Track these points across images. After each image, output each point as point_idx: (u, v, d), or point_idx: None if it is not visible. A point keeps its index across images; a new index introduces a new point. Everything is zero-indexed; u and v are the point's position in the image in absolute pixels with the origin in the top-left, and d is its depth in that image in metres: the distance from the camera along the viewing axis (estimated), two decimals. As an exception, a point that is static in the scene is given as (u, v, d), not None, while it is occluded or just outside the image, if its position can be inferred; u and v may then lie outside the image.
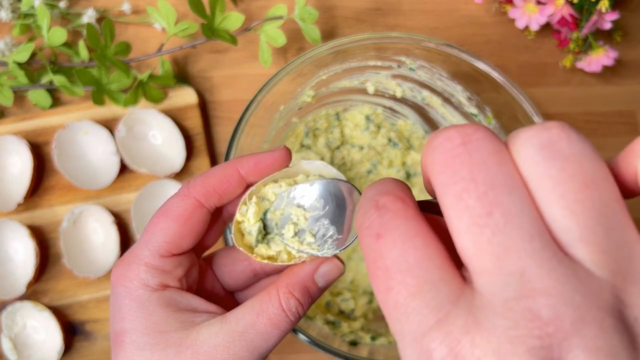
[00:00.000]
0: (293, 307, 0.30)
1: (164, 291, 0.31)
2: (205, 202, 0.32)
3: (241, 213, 0.32)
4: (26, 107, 0.64)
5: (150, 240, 0.31)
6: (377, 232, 0.20)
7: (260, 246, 0.32)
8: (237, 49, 0.65)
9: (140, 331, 0.30)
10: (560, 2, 0.60)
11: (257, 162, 0.32)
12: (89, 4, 0.66)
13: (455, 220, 0.18)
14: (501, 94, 0.53)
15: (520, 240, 0.17)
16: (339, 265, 0.32)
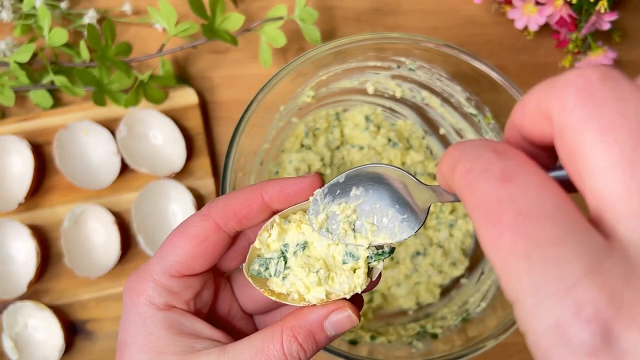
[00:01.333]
0: (295, 352, 0.28)
1: (168, 312, 0.30)
2: (224, 225, 0.30)
3: (260, 240, 0.30)
4: (27, 107, 0.64)
5: (163, 258, 0.30)
6: (501, 175, 0.18)
7: (273, 279, 0.30)
8: (238, 49, 0.65)
9: (140, 348, 0.29)
10: (559, 3, 0.61)
11: (282, 189, 0.30)
12: (89, 4, 0.66)
13: (599, 157, 0.16)
14: (500, 95, 0.53)
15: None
16: (353, 319, 0.29)
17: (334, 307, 0.29)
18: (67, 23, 0.65)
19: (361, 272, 0.29)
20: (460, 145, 0.21)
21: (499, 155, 0.19)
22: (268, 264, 0.30)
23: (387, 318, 0.58)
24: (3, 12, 0.61)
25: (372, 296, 0.58)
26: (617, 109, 0.17)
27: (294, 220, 0.30)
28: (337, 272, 0.30)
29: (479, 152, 0.20)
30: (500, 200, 0.17)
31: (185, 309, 0.31)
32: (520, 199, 0.17)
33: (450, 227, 0.59)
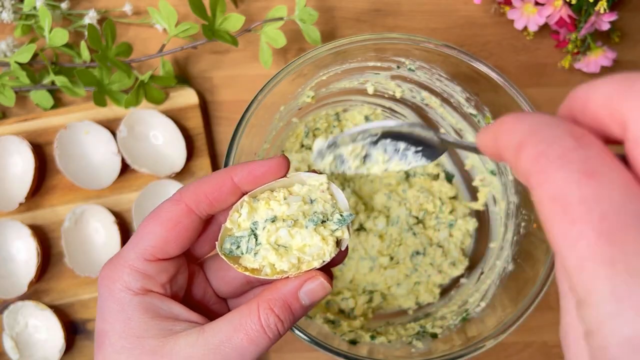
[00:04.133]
0: (272, 324, 0.29)
1: (145, 296, 0.30)
2: (196, 208, 0.31)
3: (231, 220, 0.31)
4: (28, 107, 0.64)
5: (137, 243, 0.30)
6: (584, 168, 0.17)
7: (246, 256, 0.31)
8: (238, 49, 0.65)
9: (119, 334, 0.29)
10: (558, 3, 0.61)
11: (250, 171, 0.31)
12: (90, 5, 0.67)
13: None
14: (500, 95, 0.53)
15: None
16: (325, 285, 0.30)
17: (306, 277, 0.30)
18: (68, 23, 0.66)
19: (330, 239, 0.31)
20: (528, 118, 0.19)
21: (579, 142, 0.17)
22: (239, 242, 0.31)
23: (387, 318, 0.58)
24: (4, 12, 0.61)
25: (372, 296, 0.58)
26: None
27: (263, 199, 0.31)
28: (306, 242, 0.31)
29: (555, 134, 0.18)
30: (584, 198, 0.16)
31: (161, 293, 0.31)
32: (606, 200, 0.16)
33: (449, 227, 0.59)
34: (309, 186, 0.32)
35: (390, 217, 0.59)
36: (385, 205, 0.60)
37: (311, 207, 0.31)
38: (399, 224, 0.59)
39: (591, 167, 0.17)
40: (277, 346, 0.60)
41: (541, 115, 0.19)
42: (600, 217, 0.16)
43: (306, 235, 0.31)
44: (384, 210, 0.60)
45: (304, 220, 0.31)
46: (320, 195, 0.32)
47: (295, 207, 0.31)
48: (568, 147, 0.17)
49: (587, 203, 0.16)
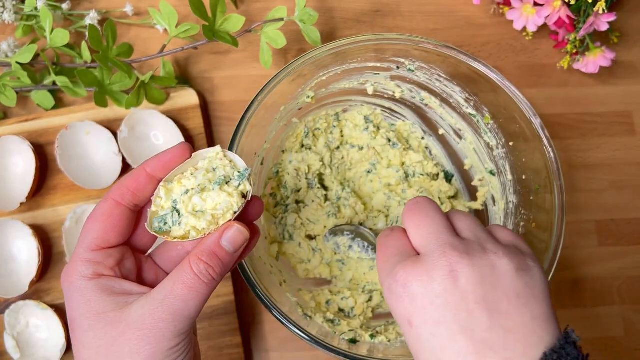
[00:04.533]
0: (203, 270, 0.34)
1: (99, 279, 0.35)
2: (122, 200, 0.36)
3: (155, 205, 0.37)
4: (29, 107, 0.64)
5: (82, 241, 0.36)
6: (386, 234, 0.39)
7: (173, 229, 0.37)
8: (238, 50, 0.66)
9: (83, 316, 0.34)
10: (557, 4, 0.61)
11: (159, 159, 0.37)
12: (91, 5, 0.67)
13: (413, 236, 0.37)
14: (499, 95, 0.53)
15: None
16: (242, 230, 0.36)
17: (224, 228, 0.36)
18: (69, 24, 0.66)
19: (235, 194, 0.37)
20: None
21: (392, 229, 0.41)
22: (165, 219, 0.37)
23: (387, 317, 0.58)
24: (5, 13, 0.61)
25: (372, 295, 0.58)
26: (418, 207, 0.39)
27: (176, 180, 0.37)
28: (216, 201, 0.37)
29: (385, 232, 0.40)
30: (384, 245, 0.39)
31: (112, 275, 0.36)
32: (388, 245, 0.39)
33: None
34: (209, 158, 0.38)
35: (389, 216, 0.60)
36: (385, 205, 0.60)
37: (214, 173, 0.37)
38: (399, 223, 0.59)
39: (386, 237, 0.39)
40: (278, 345, 0.60)
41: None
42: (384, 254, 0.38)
43: (215, 196, 0.36)
44: (383, 210, 0.60)
45: (210, 185, 0.37)
46: (220, 163, 0.38)
47: (201, 177, 0.37)
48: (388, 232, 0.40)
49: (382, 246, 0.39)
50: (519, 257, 0.34)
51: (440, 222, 0.36)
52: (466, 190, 0.62)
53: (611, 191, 0.65)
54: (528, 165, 0.54)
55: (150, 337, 0.33)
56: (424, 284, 0.33)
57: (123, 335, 0.33)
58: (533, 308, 0.32)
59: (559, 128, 0.67)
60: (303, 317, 0.52)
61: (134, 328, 0.33)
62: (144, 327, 0.33)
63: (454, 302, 0.32)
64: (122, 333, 0.33)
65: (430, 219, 0.36)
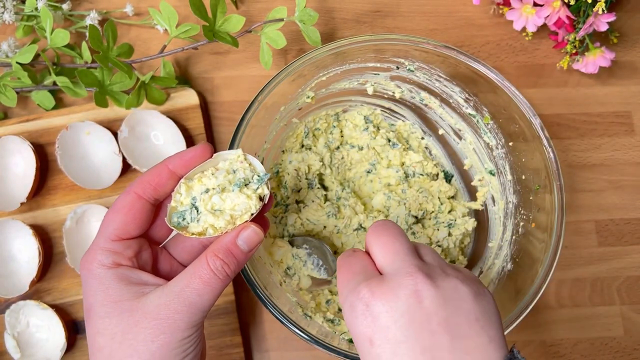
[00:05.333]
0: (219, 267, 0.36)
1: (117, 269, 0.37)
2: (143, 194, 0.38)
3: (175, 200, 0.38)
4: (29, 107, 0.64)
5: (103, 231, 0.38)
6: (347, 254, 0.39)
7: (191, 225, 0.38)
8: (238, 50, 0.66)
9: (100, 303, 0.36)
10: (557, 4, 0.61)
11: (181, 157, 0.39)
12: (91, 5, 0.67)
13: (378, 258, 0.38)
14: (499, 95, 0.53)
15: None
16: (257, 231, 0.38)
17: (240, 228, 0.38)
18: (69, 24, 0.66)
19: (253, 196, 0.39)
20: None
21: (350, 252, 0.40)
22: (184, 215, 0.38)
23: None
24: (5, 13, 0.61)
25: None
26: (383, 228, 0.39)
27: (196, 178, 0.39)
28: (235, 202, 0.38)
29: (346, 253, 0.40)
30: (343, 267, 0.39)
31: (130, 265, 0.37)
32: (354, 266, 0.38)
33: (449, 227, 0.60)
34: (230, 160, 0.40)
35: (389, 216, 0.60)
36: (385, 205, 0.60)
37: (234, 175, 0.39)
38: (399, 223, 0.59)
39: (352, 256, 0.39)
40: (278, 345, 0.60)
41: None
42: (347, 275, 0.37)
43: (234, 197, 0.38)
44: (383, 210, 0.60)
45: (230, 186, 0.39)
46: (240, 165, 0.40)
47: (221, 178, 0.39)
48: (349, 253, 0.40)
49: (341, 269, 0.39)
50: (475, 283, 0.36)
51: (406, 244, 0.37)
52: (466, 190, 0.62)
53: (611, 191, 0.65)
54: (527, 165, 0.54)
55: (165, 327, 0.35)
56: (389, 303, 0.33)
57: (138, 323, 0.35)
58: (489, 331, 0.33)
59: (558, 128, 0.67)
60: (303, 317, 0.52)
61: (149, 317, 0.35)
62: (159, 317, 0.35)
63: (418, 322, 0.32)
64: (138, 322, 0.35)
65: (397, 241, 0.37)
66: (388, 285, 0.34)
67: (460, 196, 0.63)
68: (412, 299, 0.33)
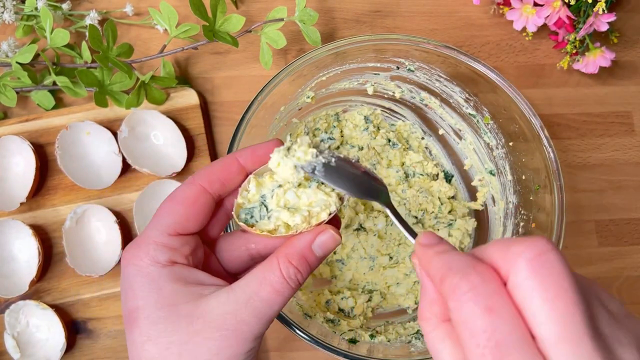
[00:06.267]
0: (292, 275, 0.32)
1: (172, 267, 0.33)
2: (209, 188, 0.34)
3: (242, 197, 0.35)
4: (29, 107, 0.64)
5: (159, 222, 0.33)
6: (486, 305, 0.24)
7: (260, 222, 0.35)
8: (238, 50, 0.66)
9: (153, 306, 0.31)
10: (557, 4, 0.61)
11: (253, 151, 0.36)
12: (91, 5, 0.67)
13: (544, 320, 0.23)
14: (499, 95, 0.53)
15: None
16: (336, 237, 0.34)
17: (317, 231, 0.34)
18: (69, 24, 0.66)
19: (333, 193, 0.35)
20: (446, 257, 0.27)
21: (481, 277, 0.25)
22: (252, 212, 0.35)
23: (387, 317, 0.58)
24: (5, 13, 0.61)
25: (372, 295, 0.58)
26: (558, 283, 0.23)
27: (267, 174, 0.36)
28: (312, 199, 0.35)
29: (465, 271, 0.25)
30: (485, 328, 0.23)
31: (185, 264, 0.33)
32: (499, 331, 0.23)
33: (449, 227, 0.60)
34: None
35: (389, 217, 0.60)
36: (385, 205, 0.60)
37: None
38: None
39: (490, 303, 0.24)
40: (278, 345, 0.60)
41: (457, 254, 0.27)
42: (496, 345, 0.23)
43: (311, 194, 0.35)
44: (383, 210, 0.60)
45: (307, 182, 0.35)
46: None
47: (295, 176, 0.35)
48: (474, 283, 0.24)
49: (487, 333, 0.23)
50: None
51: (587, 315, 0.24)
52: (466, 190, 0.62)
53: (611, 191, 0.65)
54: (528, 165, 0.54)
55: (232, 339, 0.31)
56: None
57: (200, 333, 0.31)
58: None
59: (558, 128, 0.67)
60: (303, 317, 0.52)
61: (214, 327, 0.31)
62: (225, 328, 0.31)
63: None
64: (200, 331, 0.31)
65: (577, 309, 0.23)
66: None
67: (460, 196, 0.63)
68: None
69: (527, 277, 0.24)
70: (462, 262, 0.26)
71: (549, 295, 0.23)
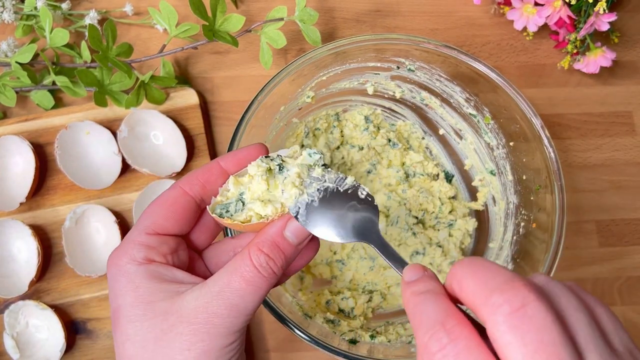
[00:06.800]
0: (264, 263, 0.32)
1: (149, 265, 0.33)
2: (190, 190, 0.35)
3: (222, 195, 0.36)
4: (29, 107, 0.64)
5: (140, 224, 0.34)
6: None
7: (235, 215, 0.35)
8: (238, 50, 0.66)
9: (130, 304, 0.32)
10: (558, 4, 0.61)
11: (234, 155, 0.36)
12: (91, 5, 0.67)
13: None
14: (499, 95, 0.53)
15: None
16: None
17: (287, 217, 0.34)
18: (69, 24, 0.66)
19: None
20: (420, 307, 0.27)
21: (449, 337, 0.25)
22: (228, 206, 0.35)
23: (387, 317, 0.58)
24: (4, 12, 0.61)
25: (372, 295, 0.58)
26: (538, 337, 0.23)
27: (247, 175, 0.36)
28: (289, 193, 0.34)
29: (435, 328, 0.25)
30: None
31: (164, 262, 0.33)
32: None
33: (449, 227, 0.60)
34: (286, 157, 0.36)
35: (390, 217, 0.60)
36: (385, 205, 0.60)
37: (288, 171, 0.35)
38: (399, 224, 0.59)
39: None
40: (277, 346, 0.60)
41: (429, 302, 0.27)
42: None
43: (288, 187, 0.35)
44: (383, 210, 0.60)
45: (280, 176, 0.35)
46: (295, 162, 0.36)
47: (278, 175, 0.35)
48: (443, 343, 0.25)
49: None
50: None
51: None
52: (466, 191, 0.62)
53: (611, 191, 0.65)
54: (528, 166, 0.54)
55: (204, 333, 0.31)
56: None
57: (173, 328, 0.31)
58: None
59: (559, 128, 0.66)
60: (303, 317, 0.52)
61: (185, 321, 0.31)
62: (196, 321, 0.31)
63: None
64: (173, 326, 0.31)
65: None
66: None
67: (460, 196, 0.62)
68: None
69: (505, 332, 0.23)
70: (432, 315, 0.26)
71: (529, 350, 0.22)
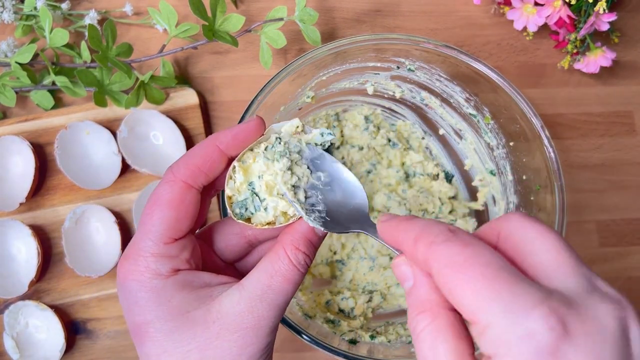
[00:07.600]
0: (302, 260, 0.32)
1: (176, 275, 0.32)
2: (193, 183, 0.33)
3: (230, 188, 0.33)
4: (28, 107, 0.64)
5: (150, 231, 0.32)
6: (462, 242, 0.25)
7: (257, 214, 0.34)
8: (238, 50, 0.66)
9: (164, 318, 0.30)
10: (558, 4, 0.61)
11: (234, 135, 0.33)
12: (91, 5, 0.67)
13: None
14: (499, 95, 0.53)
15: None
16: None
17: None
18: (68, 24, 0.66)
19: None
20: (417, 221, 0.28)
21: (453, 232, 0.26)
22: (246, 204, 0.34)
23: (387, 317, 0.58)
24: (4, 13, 0.61)
25: (372, 295, 0.58)
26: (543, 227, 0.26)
27: (249, 158, 0.34)
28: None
29: (438, 229, 0.26)
30: (467, 257, 0.24)
31: (188, 268, 0.32)
32: (482, 257, 0.24)
33: (449, 227, 0.60)
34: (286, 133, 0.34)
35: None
36: (385, 205, 0.60)
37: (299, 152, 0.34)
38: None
39: (466, 241, 0.25)
40: (277, 346, 0.60)
41: (426, 219, 0.28)
42: (483, 265, 0.24)
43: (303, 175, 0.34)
44: (383, 210, 0.60)
45: (299, 161, 0.34)
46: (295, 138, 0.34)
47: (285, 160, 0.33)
48: (448, 236, 0.26)
49: (471, 259, 0.24)
50: None
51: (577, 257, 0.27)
52: (466, 191, 0.62)
53: (612, 191, 0.65)
54: (528, 165, 0.54)
55: (252, 337, 0.31)
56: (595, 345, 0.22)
57: (220, 336, 0.30)
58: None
59: (559, 128, 0.66)
60: (303, 317, 0.52)
61: (232, 328, 0.30)
62: (244, 327, 0.30)
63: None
64: (219, 334, 0.30)
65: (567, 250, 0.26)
66: (586, 313, 0.23)
67: (460, 196, 0.62)
68: (622, 342, 0.23)
69: (519, 227, 0.26)
70: (434, 222, 0.27)
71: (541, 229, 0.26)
